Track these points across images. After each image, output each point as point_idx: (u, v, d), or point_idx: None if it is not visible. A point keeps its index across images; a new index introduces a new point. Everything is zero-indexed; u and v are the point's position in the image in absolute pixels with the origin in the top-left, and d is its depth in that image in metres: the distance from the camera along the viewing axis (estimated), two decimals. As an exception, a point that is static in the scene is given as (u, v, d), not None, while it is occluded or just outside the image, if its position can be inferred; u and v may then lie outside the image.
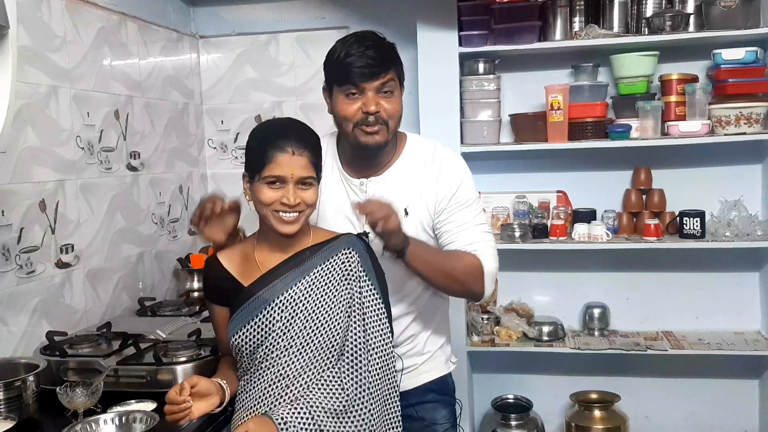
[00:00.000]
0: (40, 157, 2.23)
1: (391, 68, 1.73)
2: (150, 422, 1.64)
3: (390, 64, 1.73)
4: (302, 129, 1.61)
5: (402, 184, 1.81)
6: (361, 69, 1.69)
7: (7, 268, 2.08)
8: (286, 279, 1.58)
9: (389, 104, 1.72)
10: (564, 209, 3.07)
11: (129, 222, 2.72)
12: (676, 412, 3.18)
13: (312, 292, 1.57)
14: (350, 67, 1.69)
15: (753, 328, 3.07)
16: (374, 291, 1.62)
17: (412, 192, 1.81)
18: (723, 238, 2.86)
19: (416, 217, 1.80)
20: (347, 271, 1.60)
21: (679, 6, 2.90)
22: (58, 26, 2.34)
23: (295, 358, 1.54)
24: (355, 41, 1.72)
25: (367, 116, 1.70)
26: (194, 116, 3.31)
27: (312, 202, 1.57)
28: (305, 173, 1.54)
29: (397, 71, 1.75)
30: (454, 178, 1.82)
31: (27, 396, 1.77)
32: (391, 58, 1.75)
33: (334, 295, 1.58)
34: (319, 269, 1.59)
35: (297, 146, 1.53)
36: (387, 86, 1.72)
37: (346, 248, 1.62)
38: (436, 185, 1.81)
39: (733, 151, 2.96)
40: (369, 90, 1.70)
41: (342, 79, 1.72)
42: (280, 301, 1.56)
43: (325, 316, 1.56)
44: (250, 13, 3.32)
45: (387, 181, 1.81)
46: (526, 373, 3.25)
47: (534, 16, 2.89)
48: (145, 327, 2.27)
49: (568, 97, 2.86)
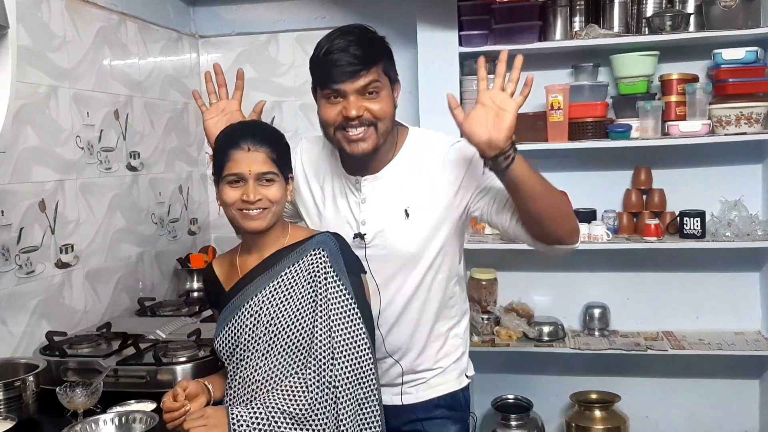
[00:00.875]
0: (39, 157, 2.23)
1: (375, 66, 1.56)
2: (150, 422, 1.64)
3: (373, 61, 1.55)
4: (260, 126, 1.62)
5: (400, 183, 1.67)
6: (341, 69, 1.54)
7: (7, 268, 2.08)
8: (256, 283, 1.56)
9: (375, 105, 1.57)
10: (564, 209, 3.07)
11: (129, 222, 2.72)
12: (676, 412, 3.18)
13: (277, 295, 1.53)
14: (329, 68, 1.55)
15: (753, 328, 3.07)
16: (344, 292, 1.52)
17: (413, 191, 1.66)
18: (723, 238, 2.86)
19: (419, 218, 1.65)
20: (314, 272, 1.53)
21: (680, 6, 2.90)
22: (58, 26, 2.34)
23: (261, 362, 1.53)
24: (338, 36, 1.58)
25: (348, 120, 1.56)
26: (194, 116, 3.31)
27: (276, 198, 1.52)
28: (263, 168, 1.51)
29: (385, 67, 1.59)
30: (461, 156, 1.66)
31: (27, 396, 1.77)
32: (375, 54, 1.57)
33: (299, 298, 1.52)
34: (287, 272, 1.55)
35: (252, 142, 1.51)
36: (371, 87, 1.56)
37: (315, 248, 1.55)
38: (441, 174, 1.66)
39: (734, 151, 2.96)
40: (350, 93, 1.55)
41: (322, 82, 1.59)
42: (250, 306, 1.55)
43: (288, 319, 1.51)
44: (250, 13, 3.32)
45: (382, 181, 1.68)
46: (526, 373, 3.25)
47: (534, 16, 2.88)
48: (145, 327, 2.27)
49: (568, 97, 2.86)
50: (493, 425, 3.03)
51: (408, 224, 1.65)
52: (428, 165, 1.68)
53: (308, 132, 3.33)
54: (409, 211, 1.66)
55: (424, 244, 1.67)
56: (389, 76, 1.62)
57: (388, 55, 1.63)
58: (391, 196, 1.67)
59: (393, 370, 1.74)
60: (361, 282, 1.59)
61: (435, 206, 1.67)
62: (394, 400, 1.74)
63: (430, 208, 1.66)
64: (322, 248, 1.55)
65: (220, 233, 3.39)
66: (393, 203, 1.67)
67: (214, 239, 3.41)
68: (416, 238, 1.66)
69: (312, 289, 1.53)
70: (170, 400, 1.50)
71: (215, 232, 3.42)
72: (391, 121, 1.64)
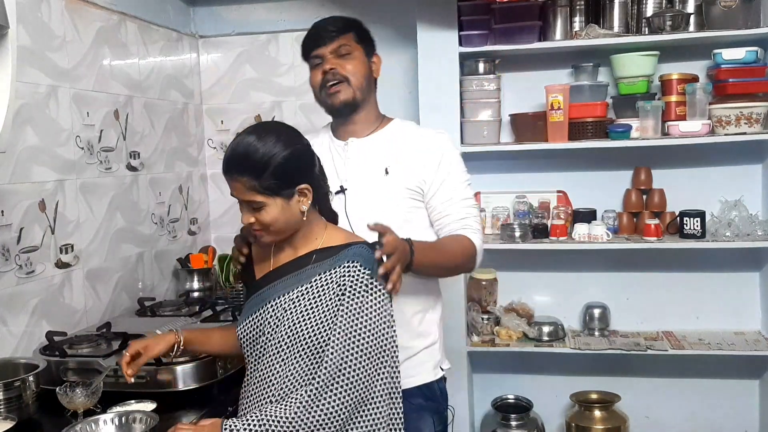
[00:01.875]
0: (39, 157, 2.23)
1: (346, 33, 1.87)
2: (150, 422, 1.64)
3: (344, 30, 1.87)
4: (236, 154, 1.53)
5: (384, 147, 1.90)
6: (316, 36, 1.88)
7: (7, 268, 2.08)
8: (285, 282, 1.58)
9: (348, 64, 1.87)
10: (564, 209, 3.07)
11: (129, 222, 2.72)
12: (676, 412, 3.18)
13: (305, 301, 1.54)
14: (308, 40, 1.90)
15: (753, 328, 3.07)
16: (389, 310, 1.53)
17: (394, 156, 1.88)
18: (723, 238, 2.86)
19: (396, 178, 1.86)
20: (347, 285, 1.51)
21: (680, 6, 2.90)
22: (58, 26, 2.34)
23: (277, 364, 1.54)
24: (318, 20, 1.92)
25: (326, 76, 1.86)
26: (194, 116, 3.31)
27: (268, 221, 1.52)
28: (245, 197, 1.52)
29: (356, 36, 1.89)
30: (437, 148, 1.89)
31: (27, 396, 1.77)
32: (347, 25, 1.89)
33: (325, 309, 1.51)
34: (318, 278, 1.54)
35: (230, 172, 1.53)
36: (343, 48, 1.86)
37: (350, 260, 1.53)
38: (423, 153, 1.88)
39: (734, 151, 2.96)
40: (326, 54, 1.86)
41: (305, 53, 1.91)
42: (276, 303, 1.57)
43: (311, 329, 1.50)
44: (250, 13, 3.32)
45: (369, 143, 1.92)
46: (526, 373, 3.25)
47: (534, 16, 2.88)
48: (145, 327, 2.26)
49: (568, 97, 2.86)
50: (493, 425, 3.04)
51: (387, 181, 1.86)
52: (411, 139, 1.92)
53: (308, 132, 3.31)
54: (389, 170, 1.87)
55: (401, 200, 1.86)
56: (362, 46, 1.91)
57: (362, 30, 1.92)
58: (374, 157, 1.89)
59: None
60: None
61: (413, 172, 1.87)
62: None
63: (408, 171, 1.87)
64: (357, 260, 1.53)
65: (220, 233, 3.40)
66: (375, 163, 1.88)
67: (214, 239, 3.41)
68: (395, 194, 1.86)
69: (339, 301, 1.50)
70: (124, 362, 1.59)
71: (215, 232, 3.42)
72: (365, 79, 1.90)
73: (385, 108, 2.09)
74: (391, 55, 3.17)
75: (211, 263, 2.99)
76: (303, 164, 1.56)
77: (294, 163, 1.53)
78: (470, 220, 1.87)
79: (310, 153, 1.60)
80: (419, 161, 1.87)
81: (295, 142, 1.56)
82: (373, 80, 1.96)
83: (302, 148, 1.57)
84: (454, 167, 1.89)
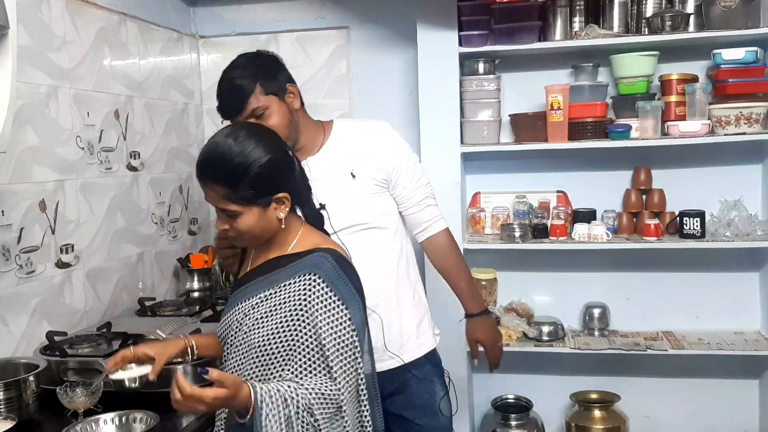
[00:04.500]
0: (40, 157, 2.23)
1: (247, 100, 1.87)
2: (150, 422, 1.64)
3: (242, 100, 1.87)
4: (210, 159, 1.48)
5: (340, 154, 1.99)
6: (225, 113, 1.91)
7: (7, 268, 2.08)
8: (253, 286, 1.55)
9: (266, 121, 1.87)
10: (564, 209, 3.07)
11: (129, 222, 2.73)
12: (676, 412, 3.18)
13: (261, 309, 1.50)
14: (221, 112, 1.92)
15: (753, 328, 3.07)
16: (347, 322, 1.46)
17: (353, 158, 1.98)
18: (723, 238, 2.86)
19: (363, 178, 1.98)
20: (307, 299, 1.46)
21: (679, 6, 2.90)
22: (58, 26, 2.34)
23: (235, 370, 1.53)
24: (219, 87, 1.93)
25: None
26: (194, 116, 3.31)
27: (243, 228, 1.49)
28: (219, 205, 1.48)
29: (264, 90, 1.88)
30: (387, 140, 2.03)
31: (27, 396, 1.77)
32: (244, 93, 1.87)
33: (280, 320, 1.47)
34: (277, 288, 1.50)
35: (203, 179, 1.48)
36: (255, 113, 1.87)
37: (309, 272, 1.48)
38: (374, 149, 2.01)
39: (733, 151, 2.96)
40: (242, 118, 1.88)
41: (223, 117, 1.94)
42: (242, 307, 1.54)
43: (264, 339, 1.47)
44: (250, 13, 3.32)
45: (325, 157, 2.00)
46: (526, 373, 3.25)
47: (534, 16, 2.88)
48: (145, 327, 2.26)
49: (568, 97, 2.86)
50: (493, 425, 3.04)
51: (357, 183, 1.97)
52: (360, 137, 2.03)
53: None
54: (354, 173, 1.98)
55: (373, 195, 1.99)
56: (273, 92, 1.91)
57: (262, 79, 1.90)
58: (335, 167, 1.98)
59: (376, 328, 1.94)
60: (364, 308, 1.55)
61: (373, 167, 2.00)
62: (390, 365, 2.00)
63: (370, 168, 1.99)
64: (315, 273, 1.47)
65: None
66: (338, 171, 1.98)
67: (214, 239, 3.41)
68: (366, 192, 1.98)
69: (303, 314, 1.45)
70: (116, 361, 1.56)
71: (215, 231, 3.42)
72: (288, 128, 1.90)
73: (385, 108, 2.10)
74: (391, 55, 3.18)
75: (212, 263, 2.99)
76: (282, 172, 1.51)
77: (272, 171, 1.48)
78: (429, 199, 2.11)
79: (289, 159, 1.55)
80: (375, 155, 2.01)
81: (275, 147, 1.51)
82: (295, 113, 1.97)
83: (281, 155, 1.52)
84: (404, 154, 2.06)
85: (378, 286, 1.95)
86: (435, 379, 2.10)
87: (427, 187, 2.11)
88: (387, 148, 2.03)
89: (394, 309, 2.02)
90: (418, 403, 2.05)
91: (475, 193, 3.21)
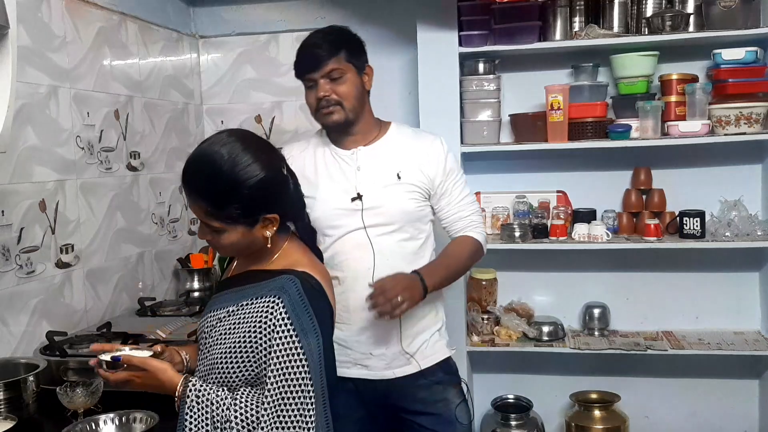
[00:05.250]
0: (40, 157, 2.23)
1: (335, 56, 1.92)
2: (150, 422, 1.64)
3: (334, 51, 1.92)
4: (197, 170, 1.42)
5: (392, 153, 2.01)
6: (307, 62, 1.94)
7: (7, 268, 2.08)
8: (224, 297, 1.52)
9: (340, 86, 1.93)
10: (564, 209, 3.07)
11: (129, 222, 2.73)
12: (676, 412, 3.18)
13: (224, 323, 1.46)
14: (299, 63, 1.96)
15: (753, 328, 3.07)
16: (300, 356, 1.38)
17: (403, 160, 2.00)
18: (723, 238, 2.86)
19: (409, 180, 1.99)
20: (265, 322, 1.39)
21: (679, 6, 2.90)
22: (58, 26, 2.35)
23: (202, 373, 1.52)
24: (309, 36, 1.98)
25: (320, 101, 1.94)
26: (194, 116, 3.32)
27: (225, 244, 1.45)
28: (203, 219, 1.43)
29: (347, 54, 1.94)
30: (439, 152, 2.04)
31: (27, 396, 1.77)
32: (336, 45, 1.93)
33: (233, 341, 1.43)
34: (243, 305, 1.45)
35: (188, 190, 1.43)
36: (334, 73, 1.93)
37: (274, 295, 1.40)
38: (426, 158, 2.02)
39: (733, 151, 2.96)
40: (318, 78, 1.93)
41: (298, 75, 1.98)
42: (215, 315, 1.51)
43: (219, 354, 1.45)
44: (250, 13, 3.32)
45: (376, 150, 2.01)
46: (526, 373, 3.25)
47: (534, 16, 2.88)
48: (145, 327, 2.27)
49: (568, 97, 2.86)
50: (493, 425, 3.04)
51: (400, 185, 1.98)
52: (414, 144, 2.04)
53: (308, 132, 3.34)
54: (401, 175, 1.98)
55: (413, 201, 1.99)
56: (353, 63, 1.96)
57: (352, 46, 1.98)
58: (384, 163, 1.99)
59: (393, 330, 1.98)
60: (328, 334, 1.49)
61: (421, 174, 2.00)
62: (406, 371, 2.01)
63: (418, 174, 2.00)
64: (279, 296, 1.40)
65: (220, 233, 3.39)
66: (386, 168, 1.99)
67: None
68: (408, 197, 1.98)
69: (259, 338, 1.40)
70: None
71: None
72: (357, 100, 1.97)
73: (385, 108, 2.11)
74: (391, 55, 3.18)
75: (212, 263, 2.99)
76: (274, 192, 1.43)
77: (264, 192, 1.40)
78: (473, 216, 2.09)
79: (284, 177, 1.47)
80: (425, 164, 2.01)
81: (270, 165, 1.42)
82: (366, 94, 2.03)
83: (275, 173, 1.44)
84: (454, 170, 2.07)
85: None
86: (450, 387, 2.08)
87: (473, 205, 2.11)
88: (438, 159, 2.03)
89: (409, 318, 1.98)
90: (433, 411, 2.04)
91: (476, 193, 3.20)
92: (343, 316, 1.97)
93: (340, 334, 1.97)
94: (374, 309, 1.79)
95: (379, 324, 1.94)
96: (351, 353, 2.01)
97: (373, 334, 1.98)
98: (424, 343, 2.04)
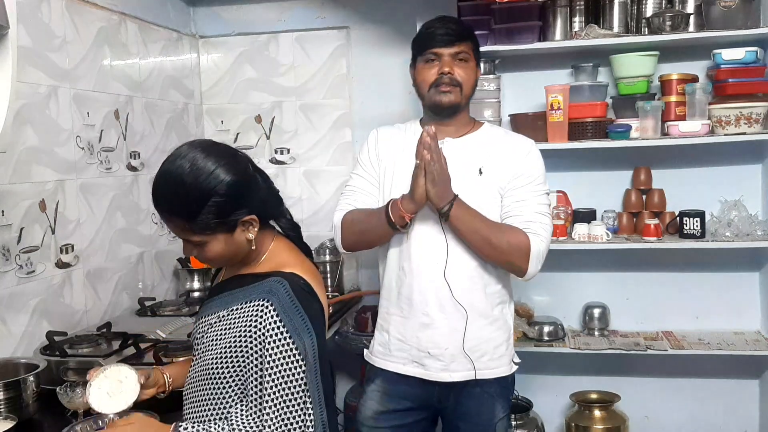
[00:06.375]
0: (40, 157, 2.23)
1: (467, 40, 1.95)
2: (150, 422, 1.64)
3: (466, 37, 1.96)
4: (164, 190, 1.39)
5: (477, 149, 1.98)
6: (441, 36, 1.93)
7: (7, 268, 2.08)
8: (216, 302, 1.51)
9: (463, 70, 1.94)
10: (564, 209, 3.07)
11: (129, 222, 2.73)
12: (676, 412, 3.18)
13: (216, 329, 1.46)
14: (431, 35, 1.95)
15: (753, 328, 3.07)
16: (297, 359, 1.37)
17: (487, 157, 1.96)
18: (723, 238, 2.86)
19: (489, 178, 1.94)
20: (258, 326, 1.37)
21: (679, 6, 2.90)
22: (58, 26, 2.35)
23: (187, 384, 1.52)
24: (439, 18, 2.00)
25: (442, 76, 1.92)
26: (194, 116, 3.32)
27: (211, 256, 1.43)
28: (181, 236, 1.43)
29: (473, 46, 1.98)
30: (525, 153, 1.99)
31: (27, 396, 1.77)
32: (468, 32, 1.98)
33: (224, 346, 1.42)
34: (233, 310, 1.44)
35: (160, 210, 1.42)
36: (462, 54, 1.94)
37: (262, 299, 1.39)
38: (511, 154, 1.97)
39: (733, 151, 2.96)
40: (446, 55, 1.93)
41: (423, 47, 1.96)
42: (207, 320, 1.51)
43: (211, 360, 1.44)
44: (250, 13, 3.32)
45: (463, 144, 1.99)
46: (526, 373, 3.24)
47: (534, 16, 2.88)
48: (145, 327, 2.27)
49: (568, 97, 2.86)
50: (493, 425, 3.03)
51: (481, 180, 1.94)
52: (502, 142, 2.01)
53: (308, 132, 3.35)
54: (482, 170, 1.95)
55: (493, 200, 1.94)
56: (475, 56, 2.00)
57: (476, 40, 2.02)
58: (468, 157, 1.95)
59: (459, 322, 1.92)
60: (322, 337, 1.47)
61: (503, 172, 1.95)
62: (464, 376, 1.95)
63: (500, 172, 1.95)
64: (268, 300, 1.39)
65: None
66: (469, 162, 1.95)
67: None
68: (487, 193, 1.93)
69: (250, 342, 1.38)
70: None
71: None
72: (472, 89, 2.00)
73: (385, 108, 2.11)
74: (391, 55, 3.18)
75: (211, 263, 2.99)
76: (244, 193, 1.41)
77: (234, 195, 1.38)
78: (536, 225, 1.90)
79: (252, 176, 1.44)
80: (508, 162, 1.97)
81: (234, 168, 1.39)
82: (474, 86, 2.04)
83: (241, 175, 1.41)
84: (535, 174, 1.97)
85: (468, 291, 1.92)
86: (500, 400, 2.01)
87: (542, 216, 1.94)
88: (517, 160, 1.96)
89: (476, 319, 1.93)
90: (477, 421, 1.98)
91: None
92: (405, 309, 1.94)
93: (400, 329, 1.95)
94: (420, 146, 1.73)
95: (441, 322, 1.91)
96: (409, 350, 1.96)
97: (434, 332, 1.93)
98: (489, 353, 1.96)
